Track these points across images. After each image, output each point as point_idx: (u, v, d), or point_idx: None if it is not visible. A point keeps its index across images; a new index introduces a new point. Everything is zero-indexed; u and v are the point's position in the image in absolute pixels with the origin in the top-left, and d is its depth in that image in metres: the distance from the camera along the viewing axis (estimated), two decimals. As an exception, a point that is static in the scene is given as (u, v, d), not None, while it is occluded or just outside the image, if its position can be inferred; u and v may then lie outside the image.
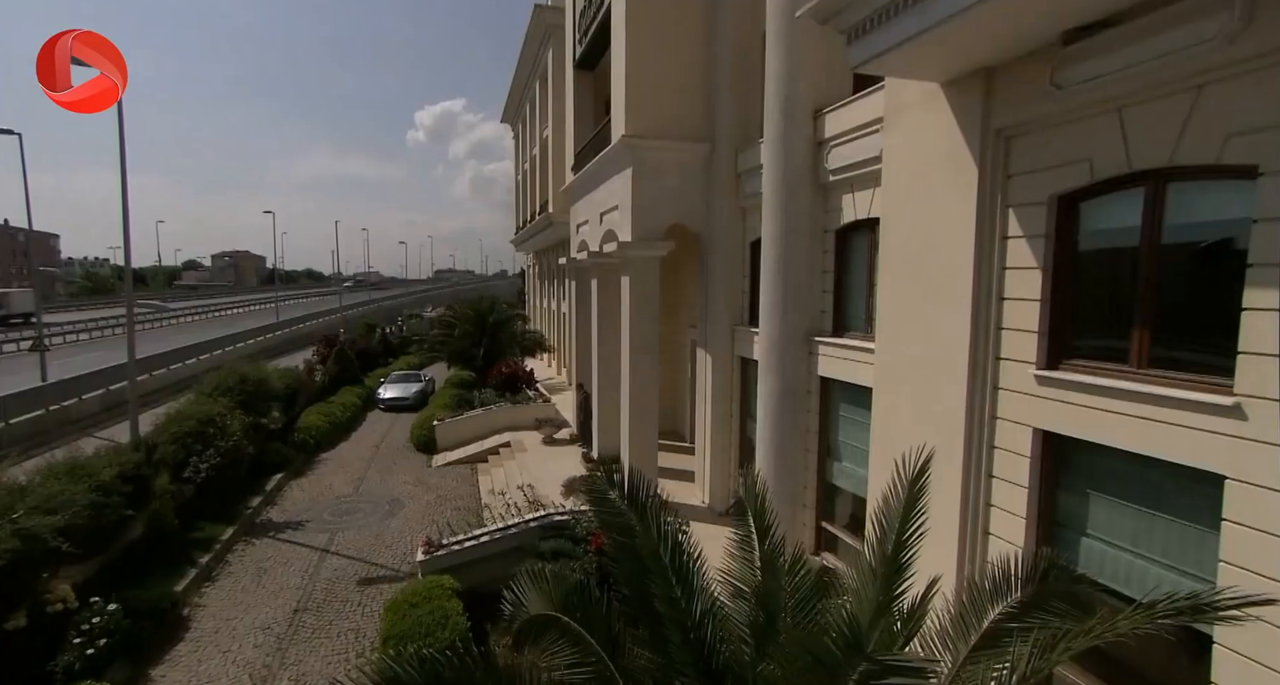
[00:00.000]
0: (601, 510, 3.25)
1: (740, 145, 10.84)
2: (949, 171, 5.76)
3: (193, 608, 9.61)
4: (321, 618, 9.33)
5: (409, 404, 23.91)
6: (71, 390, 21.55)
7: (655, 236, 11.31)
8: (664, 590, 2.76)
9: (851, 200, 8.11)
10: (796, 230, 8.66)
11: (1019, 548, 5.10)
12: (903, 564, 2.76)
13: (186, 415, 13.71)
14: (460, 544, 9.42)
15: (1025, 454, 5.17)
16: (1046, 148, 4.87)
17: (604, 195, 13.09)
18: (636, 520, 3.04)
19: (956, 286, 5.68)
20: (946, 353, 5.86)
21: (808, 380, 8.92)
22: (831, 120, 8.25)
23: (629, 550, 3.04)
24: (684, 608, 2.72)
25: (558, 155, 21.14)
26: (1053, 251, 4.90)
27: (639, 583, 2.95)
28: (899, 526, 2.81)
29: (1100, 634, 1.97)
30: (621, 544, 3.12)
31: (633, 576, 3.01)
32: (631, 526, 3.07)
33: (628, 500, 3.12)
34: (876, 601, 2.68)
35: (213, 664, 8.22)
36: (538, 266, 34.07)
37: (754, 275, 11.00)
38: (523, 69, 27.56)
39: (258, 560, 11.34)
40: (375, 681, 2.91)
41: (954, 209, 5.71)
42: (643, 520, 3.03)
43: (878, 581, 2.77)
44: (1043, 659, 1.95)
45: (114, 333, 42.37)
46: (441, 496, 14.46)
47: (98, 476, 9.36)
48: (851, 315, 8.52)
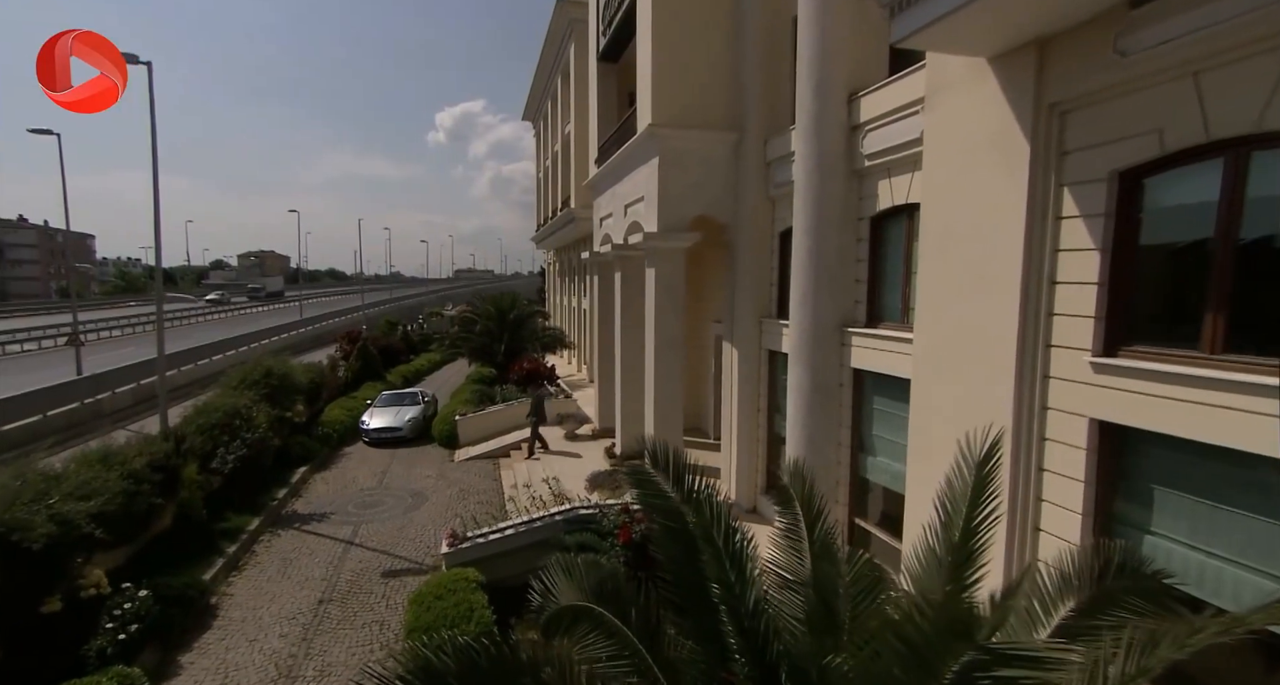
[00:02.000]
0: (645, 493, 3.09)
1: (769, 133, 10.62)
2: (996, 151, 5.51)
3: (220, 596, 9.65)
4: (346, 609, 9.30)
5: (402, 436, 18.36)
6: (104, 384, 22.01)
7: (681, 227, 11.13)
8: (717, 574, 2.59)
9: (888, 185, 7.86)
10: (829, 218, 8.42)
11: (1073, 544, 4.84)
12: (973, 551, 2.55)
13: (213, 408, 13.86)
14: (485, 537, 9.33)
15: (1080, 446, 4.90)
16: (1107, 121, 4.59)
17: (628, 187, 12.94)
18: (681, 502, 2.88)
19: (1004, 271, 5.42)
20: (992, 341, 5.60)
21: (840, 372, 8.68)
22: (867, 103, 7.99)
23: (675, 534, 2.88)
24: (738, 593, 2.54)
25: (580, 150, 21.05)
26: (1113, 231, 4.63)
27: (686, 568, 2.78)
28: (967, 511, 2.60)
29: (1217, 633, 1.74)
30: (667, 528, 2.96)
31: (679, 562, 2.84)
32: (677, 509, 2.90)
33: (673, 482, 2.95)
34: (944, 592, 2.48)
35: (240, 653, 8.22)
36: (558, 264, 34.06)
37: (783, 266, 10.78)
38: (544, 65, 27.54)
39: (283, 551, 11.39)
40: (409, 669, 2.78)
41: (1002, 190, 5.45)
42: (689, 502, 2.86)
43: (943, 571, 2.57)
44: (1148, 656, 1.74)
45: (145, 329, 43.33)
46: (464, 491, 14.43)
47: (129, 465, 9.46)
48: (887, 305, 8.25)
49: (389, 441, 18.36)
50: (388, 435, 18.47)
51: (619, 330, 14.16)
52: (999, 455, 2.74)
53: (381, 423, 18.69)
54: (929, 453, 6.53)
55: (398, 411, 19.32)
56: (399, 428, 18.62)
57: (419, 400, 20.59)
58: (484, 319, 24.47)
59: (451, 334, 27.93)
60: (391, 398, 20.71)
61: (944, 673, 1.68)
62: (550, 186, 29.39)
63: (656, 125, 10.84)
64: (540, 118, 32.68)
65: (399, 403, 20.10)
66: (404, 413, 19.30)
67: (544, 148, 31.71)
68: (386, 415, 19.08)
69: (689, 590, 2.84)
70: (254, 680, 7.66)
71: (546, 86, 28.74)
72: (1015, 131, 5.27)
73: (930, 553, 2.65)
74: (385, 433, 18.47)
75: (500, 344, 23.59)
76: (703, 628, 2.79)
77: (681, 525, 2.88)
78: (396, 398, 20.70)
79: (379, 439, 18.44)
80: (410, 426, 18.80)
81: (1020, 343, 5.34)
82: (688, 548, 2.87)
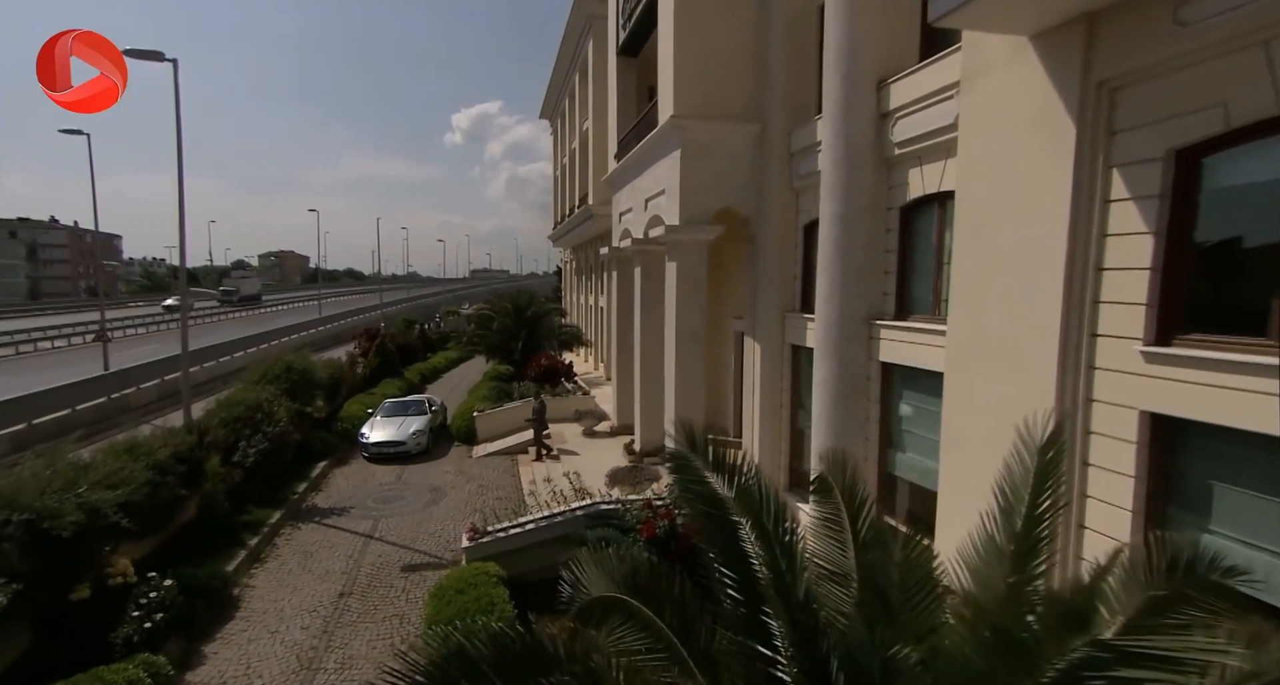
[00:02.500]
0: (684, 479, 2.96)
1: (793, 124, 10.44)
2: (1038, 133, 5.30)
3: (243, 588, 9.68)
4: (366, 602, 9.28)
5: (405, 451, 16.32)
6: (130, 380, 22.36)
7: (703, 220, 10.99)
8: (768, 560, 2.45)
9: (919, 174, 7.65)
10: (857, 208, 8.23)
11: (1123, 543, 4.62)
12: (1039, 539, 2.38)
13: (235, 401, 13.96)
14: (505, 531, 9.26)
15: (1130, 439, 4.69)
16: (1164, 96, 4.38)
17: (649, 181, 12.82)
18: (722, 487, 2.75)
19: (1046, 258, 5.22)
20: (1032, 331, 5.40)
21: (867, 366, 8.48)
22: (897, 90, 7.79)
23: (716, 522, 2.75)
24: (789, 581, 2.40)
25: (598, 147, 20.97)
26: (1168, 213, 4.42)
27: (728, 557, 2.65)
28: (1030, 498, 2.43)
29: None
30: (708, 515, 2.83)
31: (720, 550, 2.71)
32: (718, 496, 2.77)
33: (713, 468, 2.82)
34: (1007, 583, 2.33)
35: (262, 644, 8.23)
36: (574, 262, 34.02)
37: (807, 259, 10.60)
38: (562, 62, 27.52)
39: (304, 544, 11.42)
40: (441, 655, 2.68)
41: (1044, 173, 5.25)
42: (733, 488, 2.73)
43: (1005, 561, 2.41)
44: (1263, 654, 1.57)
45: (168, 327, 44.06)
46: (482, 486, 14.39)
47: (154, 455, 9.53)
48: (917, 297, 8.05)
49: (391, 457, 16.30)
50: (390, 450, 16.33)
51: (638, 326, 14.05)
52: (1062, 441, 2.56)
53: (383, 436, 16.56)
54: (963, 448, 6.32)
55: (401, 423, 17.05)
56: (402, 442, 16.43)
57: (425, 409, 18.14)
58: (501, 316, 24.47)
59: (469, 332, 27.92)
60: (395, 406, 18.38)
61: (1045, 670, 1.51)
62: (567, 184, 29.37)
63: (679, 117, 10.71)
64: (558, 115, 32.69)
65: (403, 412, 17.78)
66: (409, 424, 17.00)
67: (561, 145, 31.71)
68: (388, 427, 16.90)
69: (731, 580, 2.71)
70: (276, 671, 7.65)
71: (564, 84, 28.72)
72: (1060, 112, 5.06)
73: (989, 541, 2.49)
74: (387, 448, 16.33)
75: (517, 341, 23.56)
76: (745, 619, 2.65)
77: (723, 512, 2.75)
78: (400, 406, 18.37)
79: (380, 455, 16.37)
80: (415, 440, 16.58)
81: (1063, 332, 5.13)
82: (729, 536, 2.73)
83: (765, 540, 2.58)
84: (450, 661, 2.59)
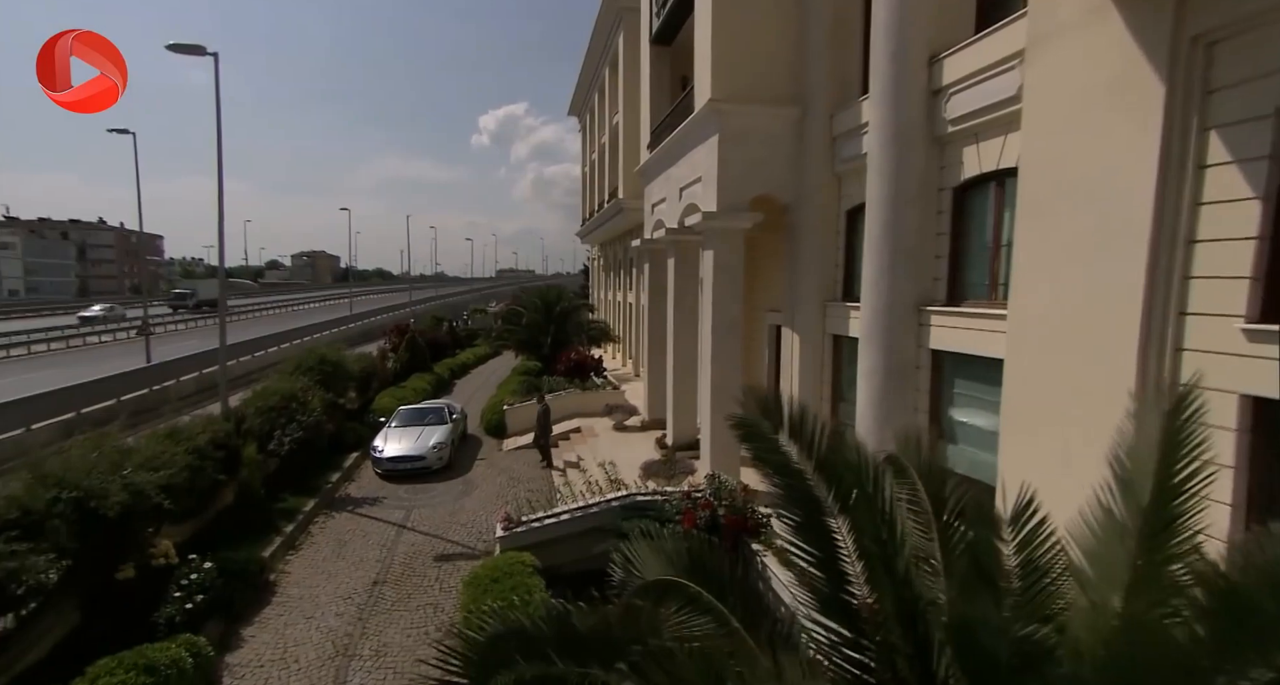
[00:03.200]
0: (757, 447, 2.73)
1: (836, 108, 10.09)
2: (1118, 97, 4.93)
3: (278, 574, 9.72)
4: (400, 591, 9.23)
5: (425, 467, 14.37)
6: (170, 372, 22.92)
7: (741, 207, 10.70)
8: (870, 527, 2.19)
9: (975, 152, 7.28)
10: (906, 190, 7.88)
11: (1220, 539, 4.24)
12: (1176, 514, 2.07)
13: (271, 391, 14.12)
14: (540, 521, 9.13)
15: (1230, 426, 4.29)
16: (1270, 48, 3.99)
17: (684, 169, 12.57)
18: (799, 456, 2.51)
19: (1126, 231, 4.84)
20: (1109, 311, 5.02)
21: (916, 355, 8.12)
22: (951, 65, 7.43)
23: (793, 493, 2.51)
24: (891, 552, 2.14)
25: (629, 140, 20.80)
26: (1278, 176, 4.03)
27: (809, 530, 2.41)
28: (1158, 469, 2.13)
29: None
30: (783, 486, 2.59)
31: (799, 524, 2.48)
32: (793, 466, 2.54)
33: (789, 435, 2.59)
34: (1133, 566, 2.04)
35: (298, 629, 8.21)
36: (602, 259, 33.94)
37: (849, 246, 10.26)
38: (592, 57, 27.43)
39: (338, 532, 11.45)
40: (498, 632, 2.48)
41: (1124, 140, 4.87)
42: (812, 456, 2.49)
43: (1128, 541, 2.12)
44: None
45: (207, 323, 45.25)
46: (513, 479, 14.32)
47: (194, 440, 9.62)
48: (970, 281, 7.67)
49: (408, 474, 14.21)
50: (406, 466, 14.27)
51: (671, 318, 13.80)
52: (1196, 401, 2.23)
53: (400, 449, 14.49)
54: (1026, 438, 5.96)
55: (420, 434, 14.95)
56: (421, 456, 14.35)
57: (446, 418, 16.06)
58: (530, 312, 24.46)
59: (497, 327, 27.97)
60: (411, 414, 16.35)
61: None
62: (597, 179, 29.28)
63: (717, 100, 10.45)
64: (586, 111, 32.63)
65: (420, 421, 15.75)
66: (428, 435, 14.92)
67: (590, 141, 31.64)
68: (405, 439, 14.82)
69: (811, 557, 2.47)
70: (312, 656, 7.61)
71: (594, 79, 28.63)
72: (1145, 73, 4.69)
73: (1107, 515, 2.19)
74: (403, 463, 14.29)
75: (546, 337, 23.52)
76: (827, 599, 2.41)
77: (801, 483, 2.51)
78: (417, 414, 16.30)
79: (396, 471, 14.27)
80: (436, 454, 14.57)
81: (1146, 311, 4.75)
82: (810, 508, 2.49)
83: (865, 508, 2.32)
84: (508, 639, 2.39)
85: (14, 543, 6.19)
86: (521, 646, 2.39)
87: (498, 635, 2.44)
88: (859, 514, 2.32)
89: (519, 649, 2.40)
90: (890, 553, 2.16)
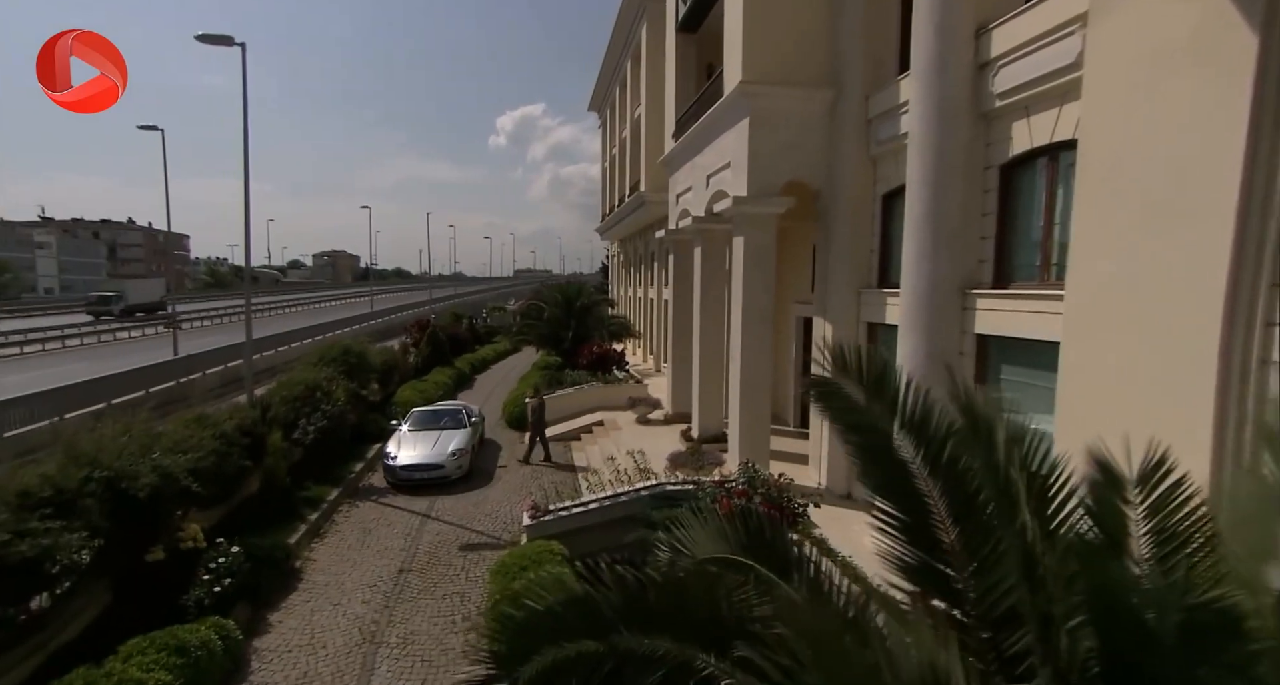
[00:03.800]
0: (834, 407, 2.51)
1: (872, 88, 9.80)
2: (1197, 54, 4.61)
3: (304, 561, 9.66)
4: (426, 579, 9.11)
5: (444, 476, 12.89)
6: (196, 365, 23.18)
7: (772, 192, 10.45)
8: (990, 476, 1.94)
9: (1025, 126, 6.96)
10: (951, 168, 7.59)
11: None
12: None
13: (296, 381, 14.14)
14: (568, 510, 8.95)
15: (1327, 398, 3.97)
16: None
17: (712, 157, 12.34)
18: (883, 415, 2.29)
19: (1207, 199, 4.52)
20: (1186, 286, 4.70)
21: (959, 341, 7.81)
22: (1001, 35, 7.12)
23: (877, 453, 2.29)
24: (1014, 496, 1.88)
25: (651, 132, 20.61)
26: (1385, 128, 3.70)
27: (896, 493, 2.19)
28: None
29: None
30: (865, 448, 2.37)
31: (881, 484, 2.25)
32: (877, 425, 2.32)
33: (874, 393, 2.36)
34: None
35: (324, 615, 8.13)
36: (622, 255, 33.80)
37: (885, 231, 9.97)
38: (613, 50, 27.29)
39: (362, 521, 11.39)
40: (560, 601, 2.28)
41: (1208, 101, 4.55)
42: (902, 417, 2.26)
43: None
44: None
45: (231, 320, 45.92)
46: (536, 471, 14.18)
47: (220, 426, 9.60)
48: (1020, 262, 7.35)
49: (425, 485, 12.72)
50: (422, 475, 12.76)
51: (698, 310, 13.58)
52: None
53: (415, 456, 12.99)
54: (1086, 426, 5.64)
55: (437, 439, 13.51)
56: (439, 464, 12.84)
57: (464, 421, 14.55)
58: (551, 306, 24.37)
59: (518, 323, 27.93)
60: (426, 417, 14.89)
61: None
62: (617, 174, 29.13)
63: (748, 82, 10.20)
64: (607, 106, 32.51)
65: (436, 424, 14.24)
66: (446, 441, 13.43)
67: (611, 136, 31.51)
68: (421, 445, 13.34)
69: (897, 521, 2.25)
70: (340, 643, 7.51)
71: (615, 73, 28.48)
72: (1231, 27, 4.36)
73: (1255, 480, 1.93)
74: (418, 472, 12.78)
75: (567, 331, 23.40)
76: (920, 571, 2.19)
77: (886, 443, 2.29)
78: (433, 417, 14.83)
79: (409, 481, 12.77)
80: (456, 462, 13.03)
81: (1233, 283, 4.42)
82: (895, 470, 2.27)
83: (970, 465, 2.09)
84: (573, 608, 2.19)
85: (47, 521, 6.15)
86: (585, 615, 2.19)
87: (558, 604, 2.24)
88: (955, 473, 2.10)
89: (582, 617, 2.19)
90: (1013, 497, 1.91)
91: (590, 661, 2.21)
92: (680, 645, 2.11)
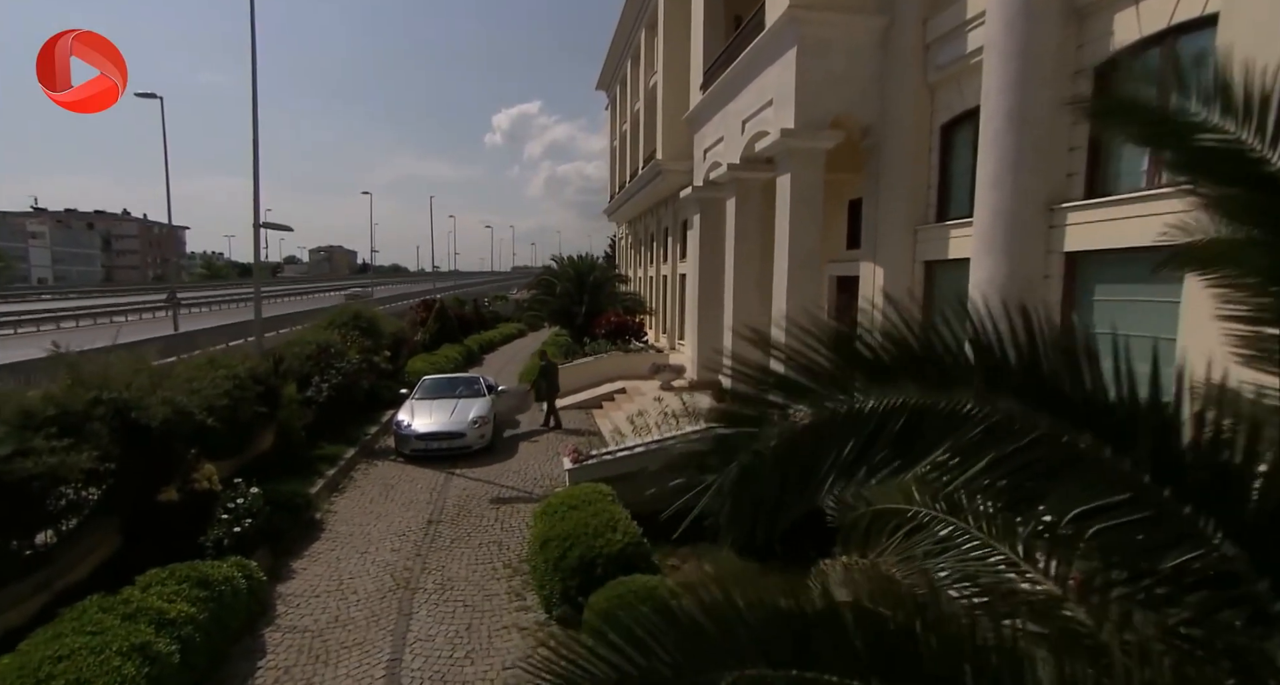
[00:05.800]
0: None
1: (930, 11, 9.20)
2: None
3: (324, 513, 9.03)
4: (458, 529, 8.48)
5: (466, 446, 11.71)
6: (196, 343, 22.43)
7: (821, 126, 9.84)
8: None
9: (1134, 14, 6.35)
10: (1036, 74, 6.98)
11: None
12: None
13: (306, 341, 13.47)
14: (613, 454, 8.33)
15: None
16: None
17: (749, 98, 11.73)
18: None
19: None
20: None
21: (1045, 262, 7.23)
22: (1100, -80, 6.52)
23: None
24: None
25: (670, 98, 19.97)
26: None
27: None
28: None
29: None
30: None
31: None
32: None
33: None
34: None
35: (351, 562, 7.50)
36: (631, 236, 33.17)
37: (944, 163, 9.37)
38: (625, 23, 26.65)
39: (383, 478, 10.75)
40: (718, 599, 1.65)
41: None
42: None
43: None
44: None
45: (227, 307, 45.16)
46: (560, 436, 13.54)
47: (233, 369, 8.94)
48: (1117, 171, 6.76)
49: (443, 455, 11.46)
50: (442, 445, 11.52)
51: (732, 263, 12.97)
52: None
53: (432, 424, 11.74)
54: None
55: (455, 407, 12.27)
56: (460, 432, 11.65)
57: (481, 390, 13.26)
58: (563, 281, 23.71)
59: (530, 297, 27.24)
60: (441, 384, 13.66)
61: None
62: (628, 151, 28.51)
63: (796, 6, 9.58)
64: (617, 82, 31.87)
65: (451, 392, 13.02)
66: (466, 408, 12.22)
67: (621, 112, 30.87)
68: (438, 412, 12.08)
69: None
70: (371, 588, 6.88)
71: (627, 45, 27.84)
72: None
73: None
74: (438, 441, 11.53)
75: (580, 306, 22.76)
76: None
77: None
78: (448, 384, 13.63)
79: (428, 452, 11.50)
80: (477, 431, 11.85)
81: None
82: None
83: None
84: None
85: (53, 440, 5.50)
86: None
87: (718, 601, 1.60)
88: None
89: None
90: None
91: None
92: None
